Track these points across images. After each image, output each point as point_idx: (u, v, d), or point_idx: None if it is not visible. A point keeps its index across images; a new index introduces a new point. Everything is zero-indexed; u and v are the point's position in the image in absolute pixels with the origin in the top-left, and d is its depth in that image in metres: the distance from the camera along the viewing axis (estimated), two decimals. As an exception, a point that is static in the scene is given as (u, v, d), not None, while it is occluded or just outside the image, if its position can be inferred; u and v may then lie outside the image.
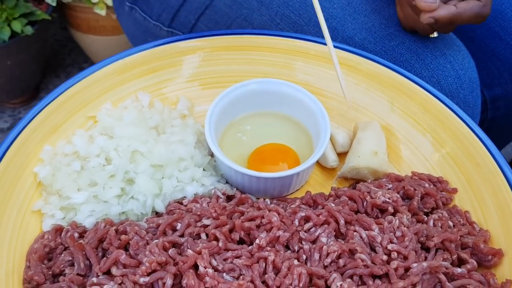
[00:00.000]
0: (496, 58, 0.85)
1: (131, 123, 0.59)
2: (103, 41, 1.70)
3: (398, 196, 0.53)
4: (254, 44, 0.67)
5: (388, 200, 0.53)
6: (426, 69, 0.70)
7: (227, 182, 0.60)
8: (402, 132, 0.63)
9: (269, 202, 0.56)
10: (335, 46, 0.66)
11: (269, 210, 0.51)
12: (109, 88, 0.63)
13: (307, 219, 0.50)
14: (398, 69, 0.64)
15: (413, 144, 0.62)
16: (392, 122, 0.63)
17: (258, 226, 0.50)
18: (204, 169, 0.59)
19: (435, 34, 0.71)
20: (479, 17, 0.62)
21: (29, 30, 1.43)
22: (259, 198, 0.59)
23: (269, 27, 0.76)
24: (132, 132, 0.58)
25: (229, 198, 0.57)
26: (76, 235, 0.51)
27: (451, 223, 0.53)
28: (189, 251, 0.45)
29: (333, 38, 0.72)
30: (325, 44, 0.66)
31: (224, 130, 0.63)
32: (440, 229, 0.52)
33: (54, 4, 1.51)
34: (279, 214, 0.50)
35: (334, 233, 0.50)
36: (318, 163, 0.64)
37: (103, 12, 1.50)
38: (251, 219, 0.50)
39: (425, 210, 0.55)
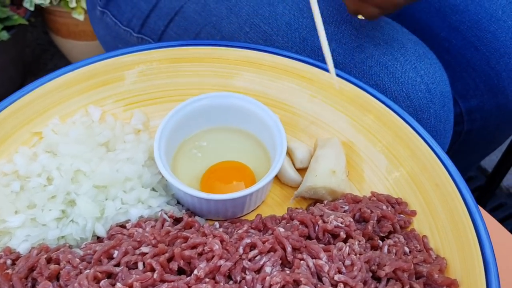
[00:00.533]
0: (471, 69, 0.82)
1: (76, 140, 0.56)
2: (83, 46, 1.67)
3: (351, 220, 0.50)
4: (213, 56, 0.65)
5: (340, 224, 0.50)
6: (395, 83, 0.67)
7: (179, 202, 0.58)
8: (363, 150, 0.60)
9: (218, 226, 0.53)
10: (294, 58, 0.64)
11: (214, 236, 0.48)
12: (57, 102, 0.60)
13: (253, 246, 0.48)
14: (360, 84, 0.61)
15: (373, 162, 0.59)
16: (353, 139, 0.61)
17: (201, 254, 0.47)
18: (154, 189, 0.56)
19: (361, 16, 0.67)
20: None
21: (4, 35, 1.41)
22: (208, 220, 0.56)
23: (238, 36, 0.73)
24: (76, 150, 0.55)
25: (177, 220, 0.54)
26: (9, 262, 0.48)
27: (407, 249, 0.50)
28: (118, 284, 0.42)
29: (302, 49, 0.70)
30: (279, 55, 0.64)
31: (179, 146, 0.61)
32: (394, 256, 0.49)
33: (32, 8, 1.49)
34: (223, 241, 0.47)
35: (281, 261, 0.47)
36: (278, 180, 0.61)
37: (81, 17, 1.47)
38: (193, 247, 0.47)
39: (382, 235, 0.52)
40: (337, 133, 0.62)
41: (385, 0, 0.58)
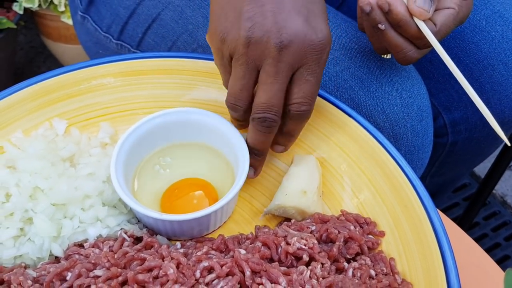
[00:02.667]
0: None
1: (35, 156, 0.54)
2: (75, 50, 1.66)
3: (315, 242, 0.49)
4: (183, 68, 0.63)
5: (303, 246, 0.48)
6: (370, 97, 0.65)
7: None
8: (334, 167, 0.58)
9: (179, 246, 0.52)
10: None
11: (172, 259, 0.46)
12: (21, 115, 0.59)
13: (211, 269, 0.46)
14: (332, 99, 0.59)
15: (344, 179, 0.57)
16: (325, 155, 0.59)
17: (156, 277, 0.45)
18: (115, 206, 0.55)
19: (388, 56, 0.66)
20: (461, 23, 0.57)
21: (-8, 39, 1.40)
22: (173, 240, 0.55)
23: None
24: (35, 166, 0.53)
25: (139, 239, 0.53)
26: (-39, 282, 0.47)
27: (373, 272, 0.49)
28: (65, 311, 0.41)
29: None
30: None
31: (141, 163, 0.59)
32: (358, 280, 0.47)
33: (21, 12, 1.48)
34: (180, 264, 0.46)
35: (239, 286, 0.45)
36: (247, 195, 0.59)
37: (70, 21, 1.47)
38: (149, 270, 0.45)
39: (348, 257, 0.51)
40: (309, 148, 0.60)
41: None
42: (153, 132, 0.58)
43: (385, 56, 0.67)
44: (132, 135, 0.56)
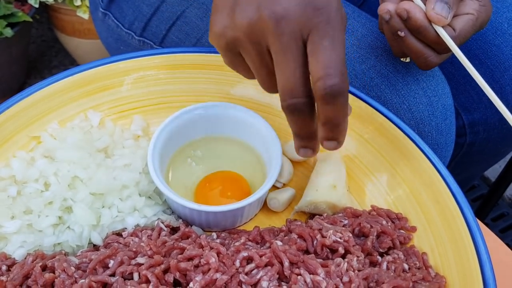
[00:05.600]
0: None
1: (73, 146, 0.55)
2: (88, 45, 1.67)
3: (350, 235, 0.50)
4: (217, 63, 0.64)
5: (339, 239, 0.49)
6: (396, 95, 0.67)
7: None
8: (364, 163, 0.59)
9: (215, 237, 0.53)
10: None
11: (211, 248, 0.47)
12: (57, 106, 0.60)
13: (249, 259, 0.47)
14: (361, 95, 0.60)
15: (374, 175, 0.58)
16: (354, 151, 0.60)
17: (197, 266, 0.46)
18: (150, 197, 0.56)
19: (407, 60, 0.67)
20: (481, 28, 0.58)
21: (8, 32, 1.41)
22: (206, 231, 0.56)
23: (239, 42, 0.72)
24: (74, 156, 0.54)
25: (174, 230, 0.54)
26: (4, 268, 0.48)
27: (406, 266, 0.50)
28: (113, 296, 0.42)
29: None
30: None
31: (173, 155, 0.60)
32: (393, 273, 0.48)
33: (36, 5, 1.49)
34: (220, 253, 0.47)
35: (278, 276, 0.46)
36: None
37: (86, 16, 1.47)
38: (190, 258, 0.46)
39: (381, 250, 0.52)
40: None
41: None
42: (187, 125, 0.59)
43: (404, 59, 0.68)
44: (168, 127, 0.57)
